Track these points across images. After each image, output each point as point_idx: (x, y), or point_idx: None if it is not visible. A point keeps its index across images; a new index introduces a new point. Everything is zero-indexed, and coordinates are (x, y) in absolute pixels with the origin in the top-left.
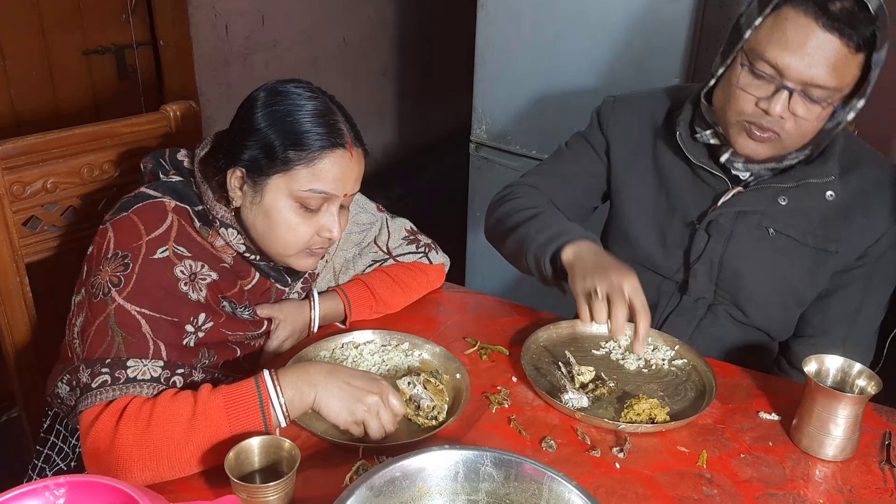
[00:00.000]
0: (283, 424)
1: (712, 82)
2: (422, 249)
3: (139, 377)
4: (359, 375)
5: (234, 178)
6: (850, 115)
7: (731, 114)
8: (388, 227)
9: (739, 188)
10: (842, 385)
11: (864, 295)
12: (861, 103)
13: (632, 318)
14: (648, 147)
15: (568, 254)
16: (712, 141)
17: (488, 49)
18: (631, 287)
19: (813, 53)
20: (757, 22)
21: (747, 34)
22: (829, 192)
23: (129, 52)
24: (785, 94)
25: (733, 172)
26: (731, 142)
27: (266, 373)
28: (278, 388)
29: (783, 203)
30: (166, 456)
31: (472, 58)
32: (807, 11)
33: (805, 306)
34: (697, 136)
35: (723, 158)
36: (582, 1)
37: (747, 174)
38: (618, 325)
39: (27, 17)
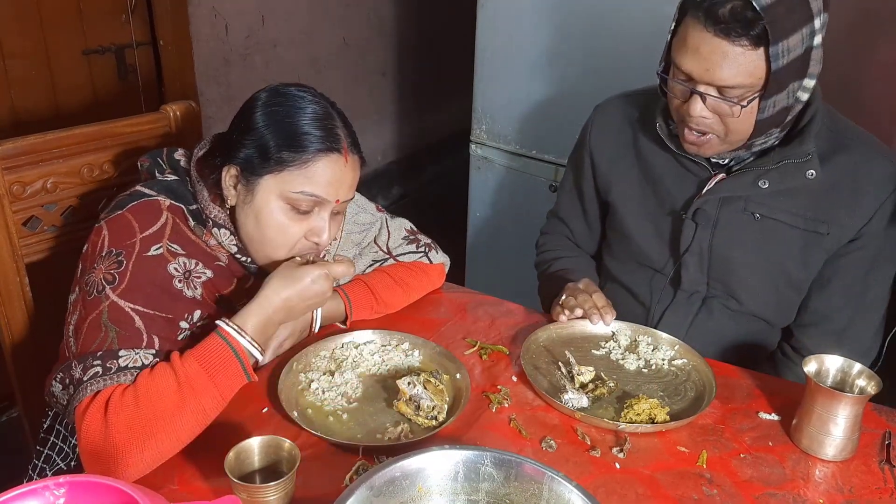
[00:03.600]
0: (262, 359)
1: (658, 82)
2: (422, 249)
3: (130, 365)
4: (305, 287)
5: (229, 175)
6: (803, 96)
7: (673, 115)
8: (387, 226)
9: (723, 174)
10: (842, 385)
11: (865, 278)
12: (810, 83)
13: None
14: (629, 143)
15: None
16: None
17: (488, 49)
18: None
19: (709, 57)
20: (671, 32)
21: (670, 43)
22: (809, 171)
23: (129, 52)
24: (697, 97)
25: (713, 158)
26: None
27: (222, 320)
28: (238, 327)
29: (764, 186)
30: (163, 430)
31: (472, 58)
32: (699, 19)
33: (801, 290)
34: (671, 127)
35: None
36: (581, 1)
37: (727, 158)
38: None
39: (27, 17)
